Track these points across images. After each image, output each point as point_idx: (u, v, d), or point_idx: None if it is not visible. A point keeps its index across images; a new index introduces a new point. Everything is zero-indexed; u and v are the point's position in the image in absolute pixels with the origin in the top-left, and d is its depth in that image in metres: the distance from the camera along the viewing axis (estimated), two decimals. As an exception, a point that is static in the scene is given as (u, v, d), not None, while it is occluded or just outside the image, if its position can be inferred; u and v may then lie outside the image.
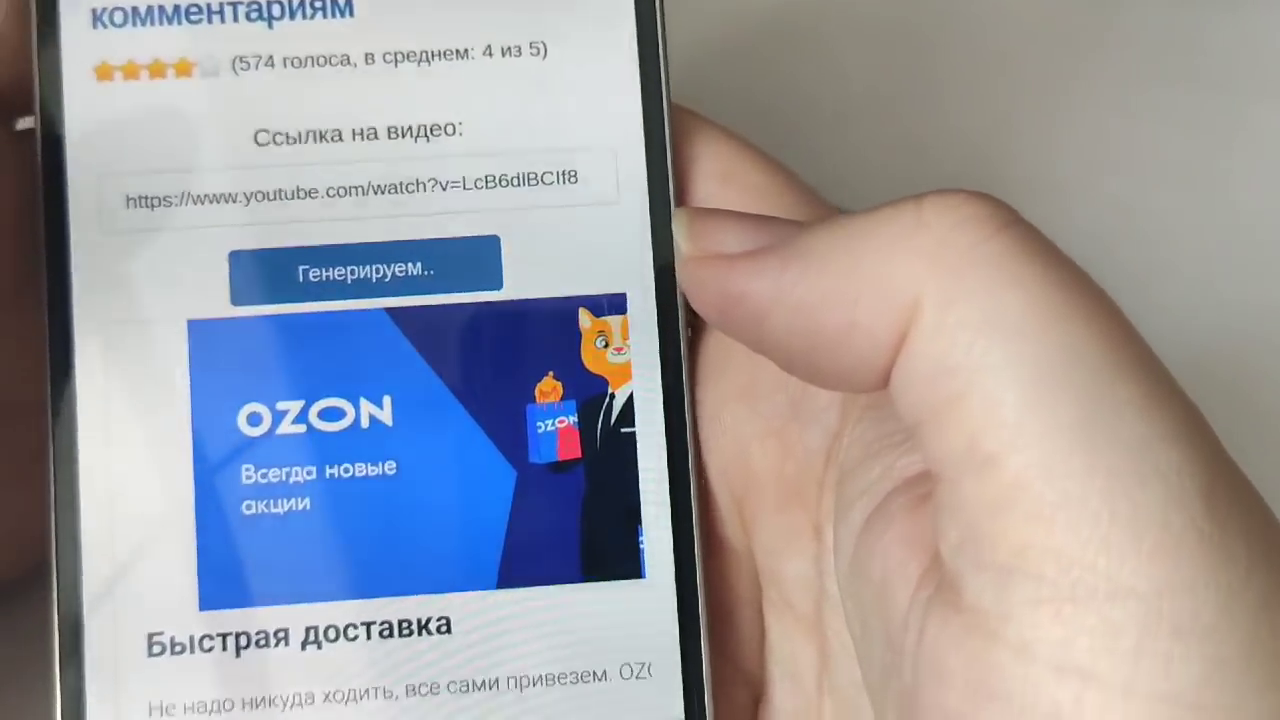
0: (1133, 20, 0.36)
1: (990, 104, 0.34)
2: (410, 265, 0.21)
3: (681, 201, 0.22)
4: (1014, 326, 0.16)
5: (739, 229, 0.19)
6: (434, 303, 0.21)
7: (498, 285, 0.21)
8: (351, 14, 0.22)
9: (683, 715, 0.21)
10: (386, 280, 0.21)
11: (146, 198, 0.21)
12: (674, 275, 0.21)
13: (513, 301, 0.21)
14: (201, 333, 0.21)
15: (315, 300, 0.21)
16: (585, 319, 0.22)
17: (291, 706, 0.20)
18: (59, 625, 0.20)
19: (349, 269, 0.21)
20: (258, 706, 0.20)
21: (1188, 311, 0.33)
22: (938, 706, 0.16)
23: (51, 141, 0.21)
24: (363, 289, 0.21)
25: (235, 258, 0.21)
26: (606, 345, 0.21)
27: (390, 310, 0.21)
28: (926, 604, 0.17)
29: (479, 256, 0.21)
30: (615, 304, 0.22)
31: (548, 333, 0.21)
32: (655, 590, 0.21)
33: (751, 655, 0.22)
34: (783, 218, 0.19)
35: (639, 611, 0.21)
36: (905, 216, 0.17)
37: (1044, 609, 0.15)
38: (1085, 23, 0.36)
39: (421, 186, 0.21)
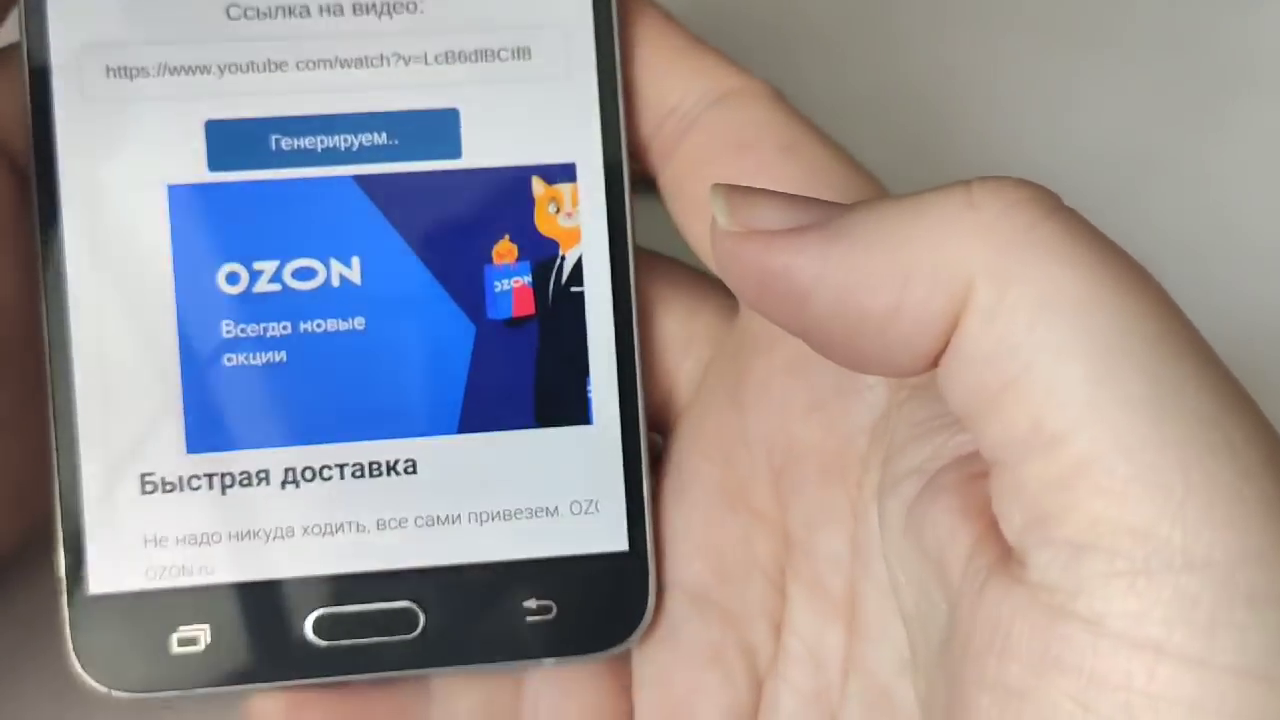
0: (1132, 18, 0.35)
1: (989, 103, 0.34)
2: (375, 135, 0.23)
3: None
4: (1072, 306, 0.16)
5: (780, 206, 0.18)
6: (398, 170, 0.23)
7: (457, 154, 0.23)
8: None
9: (627, 547, 0.23)
10: (354, 149, 0.23)
11: (125, 68, 0.22)
12: (619, 146, 0.23)
13: (471, 170, 0.23)
14: (181, 197, 0.22)
15: (287, 167, 0.23)
16: (538, 186, 0.23)
17: (272, 539, 0.22)
18: (58, 468, 0.22)
19: (318, 138, 0.23)
20: (242, 539, 0.22)
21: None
22: (999, 679, 0.16)
23: (34, 12, 0.22)
24: (331, 157, 0.23)
25: (211, 127, 0.22)
26: (558, 211, 0.23)
27: (357, 177, 0.23)
28: (986, 575, 0.17)
29: (439, 127, 0.23)
30: (566, 172, 0.23)
31: (503, 199, 0.23)
32: (601, 435, 0.23)
33: (759, 628, 0.22)
34: (824, 199, 0.18)
35: (587, 455, 0.23)
36: (955, 199, 0.17)
37: (1117, 582, 0.15)
38: (1084, 22, 0.35)
39: (385, 61, 0.23)
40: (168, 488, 0.22)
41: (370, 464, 0.23)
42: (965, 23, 0.35)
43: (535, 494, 0.23)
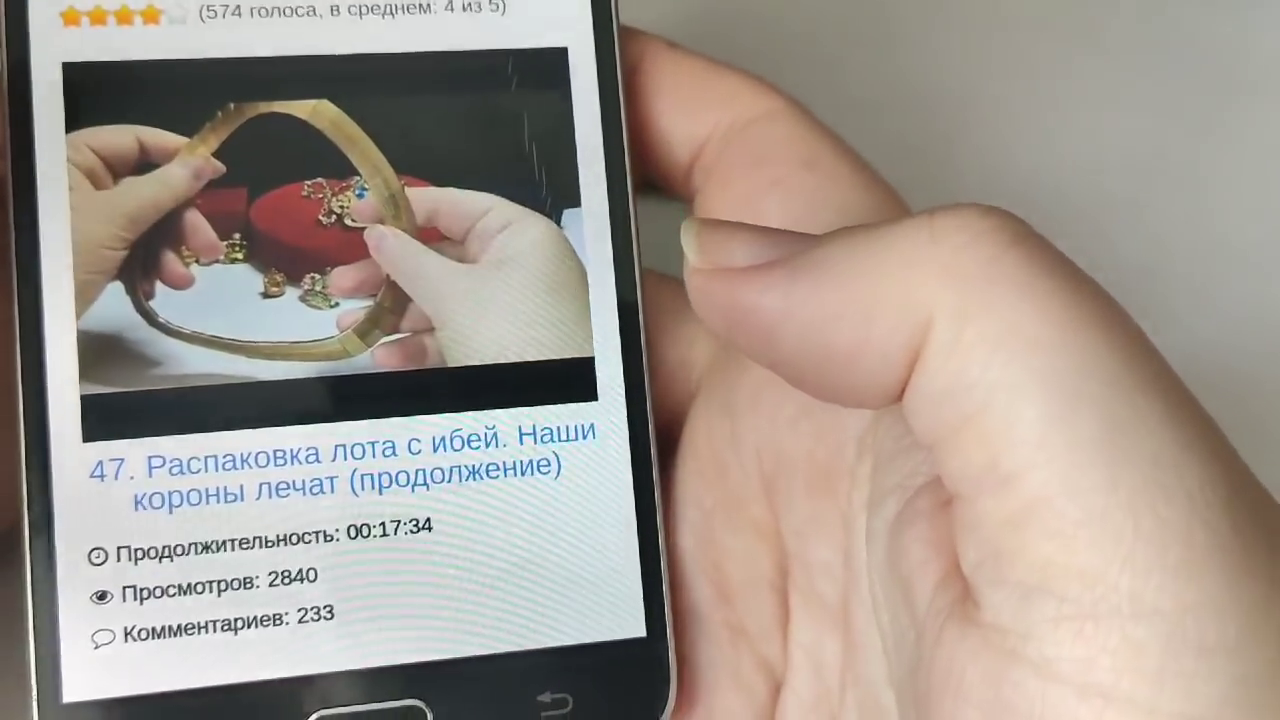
0: (1132, 19, 0.35)
1: (988, 103, 0.34)
2: None
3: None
4: (1030, 341, 0.16)
5: (748, 241, 0.18)
6: None
7: None
8: None
9: (645, 632, 0.22)
10: None
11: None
12: (625, 188, 0.22)
13: None
14: None
15: None
16: None
17: (265, 635, 0.21)
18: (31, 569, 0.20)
19: None
20: (233, 635, 0.21)
21: (1186, 311, 0.33)
22: None
23: None
24: None
25: None
26: None
27: None
28: (946, 613, 0.17)
29: None
30: None
31: None
32: None
33: (772, 639, 0.22)
34: (793, 230, 0.19)
35: None
36: (918, 232, 0.17)
37: (1065, 627, 0.15)
38: (1084, 22, 0.35)
39: None
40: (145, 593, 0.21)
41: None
42: (965, 24, 0.35)
43: None
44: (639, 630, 0.22)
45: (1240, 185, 0.34)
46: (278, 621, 0.21)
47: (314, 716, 0.21)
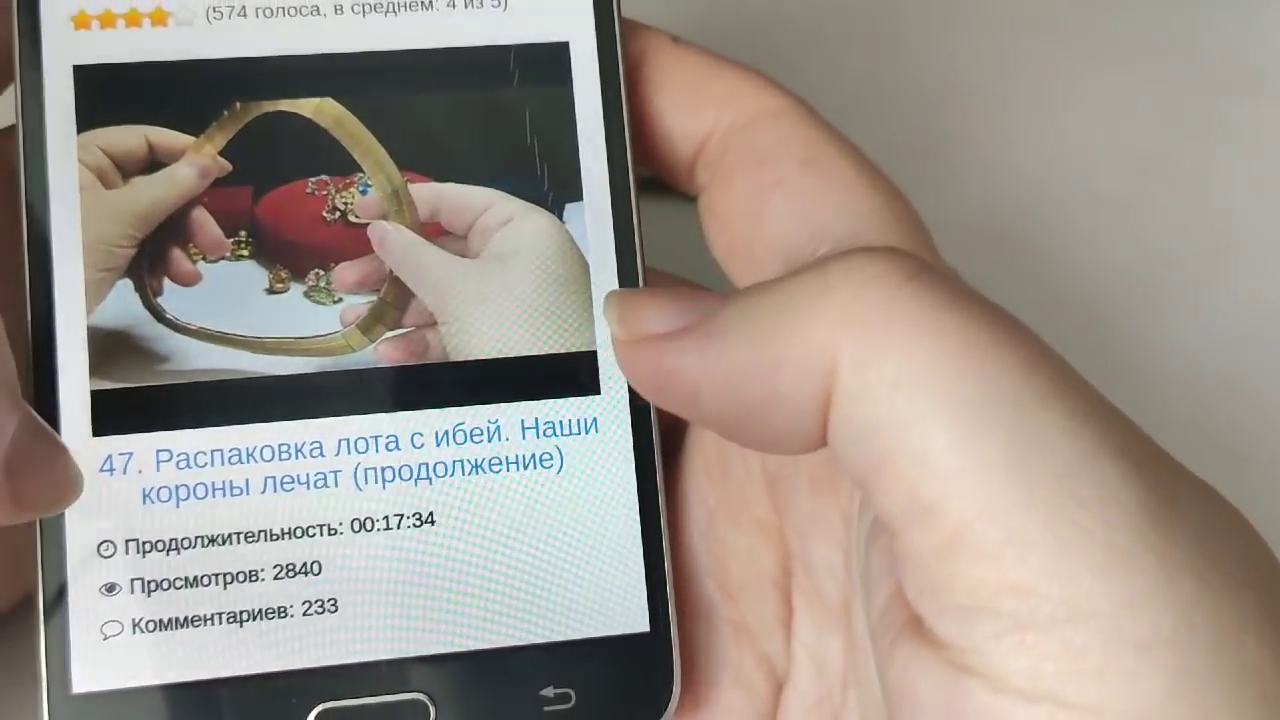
0: (1132, 20, 0.35)
1: (988, 103, 0.34)
2: None
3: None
4: (930, 376, 0.16)
5: (663, 309, 0.19)
6: None
7: None
8: None
9: (649, 627, 0.22)
10: None
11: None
12: (627, 176, 0.23)
13: None
14: None
15: None
16: None
17: (271, 628, 0.21)
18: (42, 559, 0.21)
19: None
20: (238, 629, 0.21)
21: (1185, 310, 0.32)
22: None
23: None
24: None
25: None
26: None
27: None
28: (899, 627, 0.17)
29: None
30: None
31: None
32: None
33: (775, 637, 0.22)
34: (707, 290, 0.19)
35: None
36: (811, 285, 0.17)
37: (1007, 640, 0.15)
38: (1084, 22, 0.35)
39: None
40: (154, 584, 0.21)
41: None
42: (965, 24, 0.35)
43: None
44: (643, 626, 0.22)
45: (1240, 185, 0.34)
46: (282, 614, 0.21)
47: (318, 709, 0.21)
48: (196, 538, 0.21)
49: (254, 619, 0.21)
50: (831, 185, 0.22)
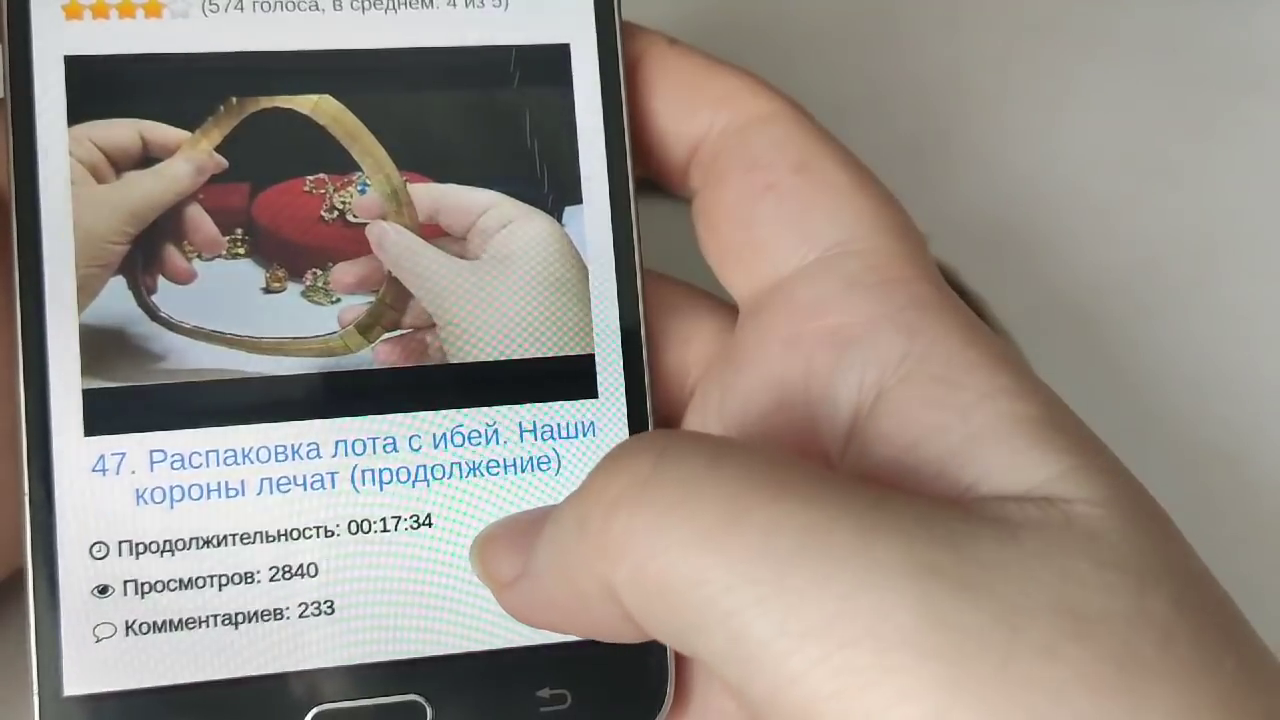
0: (1132, 20, 0.35)
1: (988, 103, 0.34)
2: None
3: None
4: (682, 585, 0.17)
5: (502, 558, 0.20)
6: None
7: None
8: None
9: None
10: None
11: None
12: (626, 180, 0.23)
13: None
14: None
15: None
16: None
17: (266, 630, 0.21)
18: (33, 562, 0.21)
19: None
20: (233, 631, 0.21)
21: (1185, 311, 0.33)
22: None
23: None
24: None
25: None
26: None
27: None
28: None
29: None
30: None
31: None
32: None
33: None
34: (539, 518, 0.20)
35: None
36: (569, 529, 0.18)
37: None
38: (1084, 22, 0.35)
39: None
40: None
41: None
42: (965, 24, 0.35)
43: None
44: None
45: (1239, 185, 0.34)
46: (278, 616, 0.21)
47: (314, 711, 0.21)
48: (191, 539, 0.21)
49: (250, 621, 0.21)
50: (822, 191, 0.22)
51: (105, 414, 0.21)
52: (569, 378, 0.22)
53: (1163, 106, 0.35)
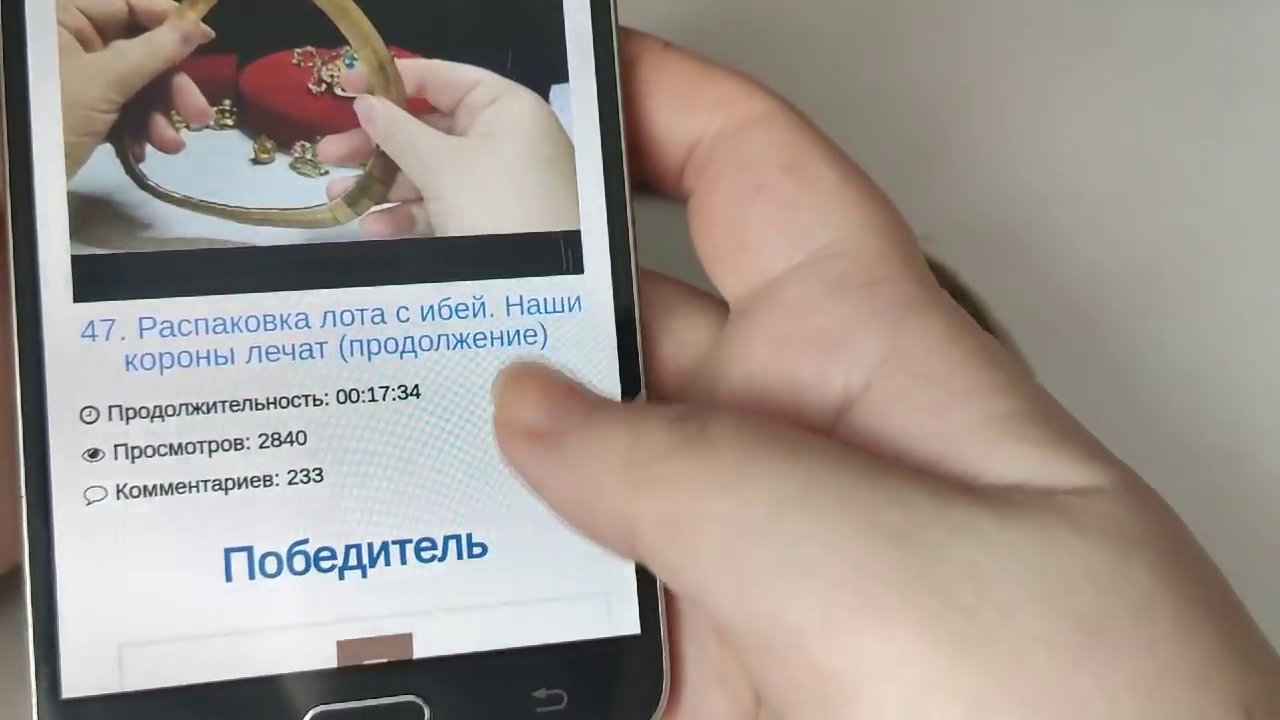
0: (1132, 20, 0.35)
1: (988, 103, 0.34)
2: None
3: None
4: (705, 519, 0.18)
5: (532, 406, 0.21)
6: None
7: None
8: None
9: (639, 629, 0.22)
10: None
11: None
12: (625, 214, 0.23)
13: None
14: None
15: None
16: None
17: (263, 631, 0.21)
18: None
19: None
20: (230, 632, 0.21)
21: (1185, 310, 0.33)
22: None
23: None
24: None
25: None
26: None
27: None
28: None
29: None
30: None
31: None
32: None
33: None
34: (582, 396, 0.21)
35: None
36: (621, 444, 0.19)
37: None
38: (1084, 22, 0.35)
39: None
40: None
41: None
42: (965, 24, 0.35)
43: None
44: (634, 628, 0.22)
45: (1239, 185, 0.34)
46: (268, 482, 0.21)
47: (312, 713, 0.21)
48: (181, 405, 0.21)
49: (239, 486, 0.21)
50: (812, 192, 0.22)
51: (94, 280, 0.21)
52: (555, 253, 0.22)
53: (1163, 106, 0.35)
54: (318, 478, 0.21)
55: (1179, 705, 0.16)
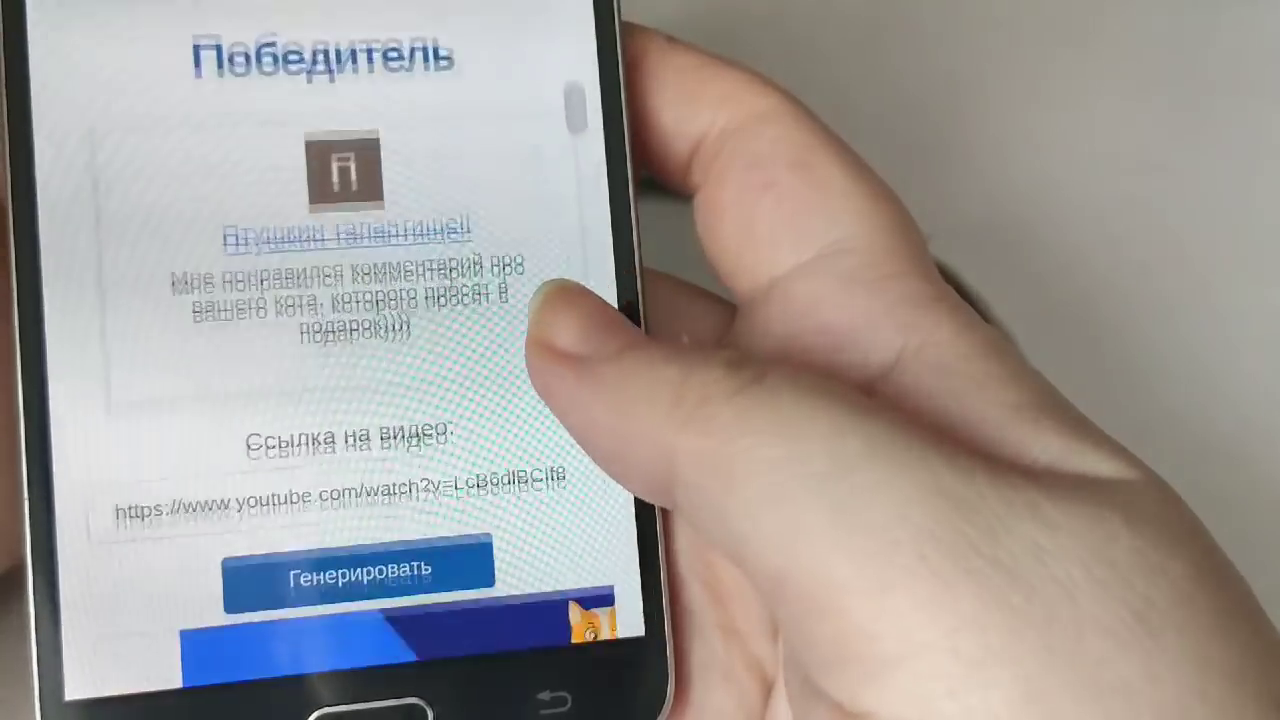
0: (1133, 21, 0.35)
1: (989, 103, 0.34)
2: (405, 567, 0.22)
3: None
4: (760, 460, 0.18)
5: (572, 326, 0.20)
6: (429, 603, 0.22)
7: (490, 583, 0.22)
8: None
9: (643, 632, 0.22)
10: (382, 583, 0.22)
11: (137, 507, 0.21)
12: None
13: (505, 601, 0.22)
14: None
15: (311, 605, 0.21)
16: (575, 613, 0.22)
17: (266, 634, 0.21)
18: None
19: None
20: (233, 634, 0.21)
21: (1185, 311, 0.33)
22: None
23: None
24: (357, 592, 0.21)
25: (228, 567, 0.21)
26: (595, 637, 0.22)
27: (386, 613, 0.21)
28: (802, 693, 0.19)
29: (472, 557, 0.22)
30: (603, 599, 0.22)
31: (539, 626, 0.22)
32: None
33: (764, 639, 0.22)
34: (625, 326, 0.20)
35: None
36: (664, 396, 0.19)
37: (872, 685, 0.17)
38: (1085, 23, 0.35)
39: (414, 490, 0.22)
40: None
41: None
42: (967, 24, 0.35)
43: None
44: (638, 630, 0.22)
45: (1240, 185, 0.34)
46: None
47: (315, 715, 0.21)
48: None
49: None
50: (821, 189, 0.22)
51: None
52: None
53: (1163, 107, 0.35)
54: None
55: (1218, 699, 0.16)
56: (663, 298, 0.24)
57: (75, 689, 0.20)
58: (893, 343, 0.20)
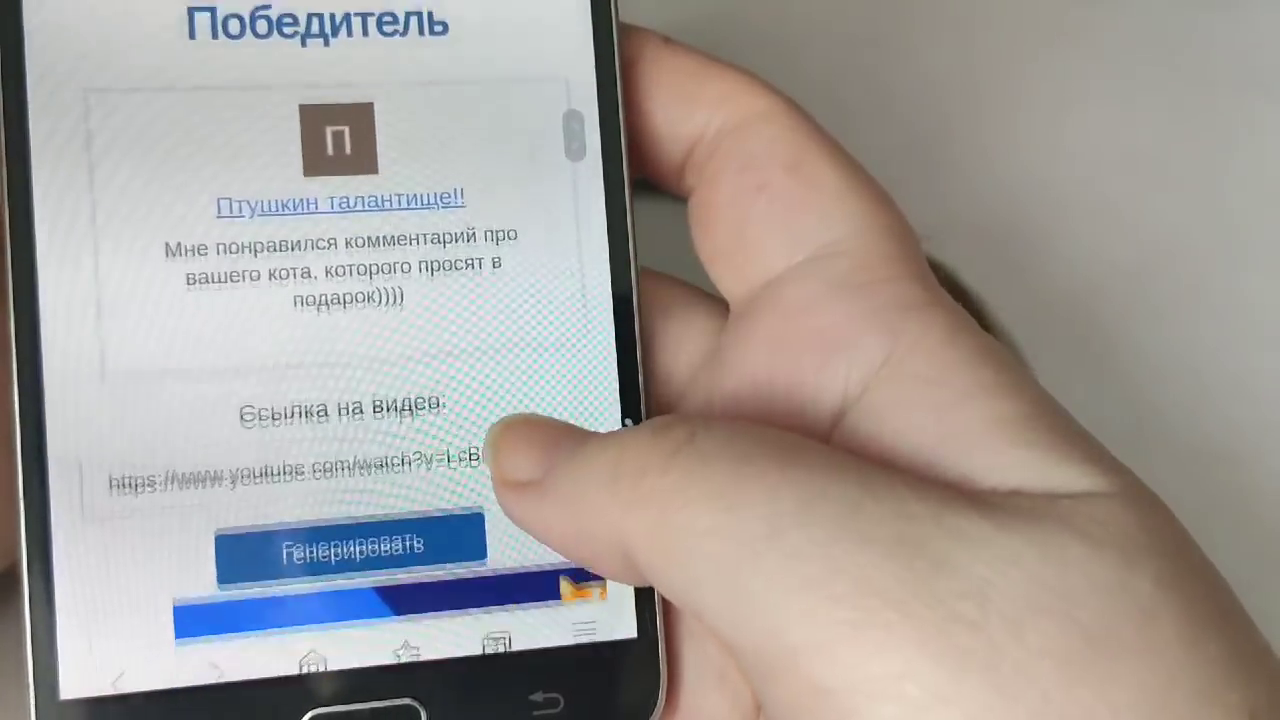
0: (1133, 20, 0.35)
1: (989, 103, 0.34)
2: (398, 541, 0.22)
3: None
4: (697, 536, 0.18)
5: (519, 459, 0.21)
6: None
7: (482, 557, 0.22)
8: None
9: (635, 634, 0.22)
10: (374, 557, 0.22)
11: (130, 479, 0.21)
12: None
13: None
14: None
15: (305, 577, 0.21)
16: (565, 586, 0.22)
17: (262, 634, 0.21)
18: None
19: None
20: (230, 636, 0.21)
21: (1185, 310, 0.33)
22: None
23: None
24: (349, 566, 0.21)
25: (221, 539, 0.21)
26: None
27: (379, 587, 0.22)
28: None
29: (464, 530, 0.22)
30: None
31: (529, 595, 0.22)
32: None
33: None
34: (571, 434, 0.20)
35: None
36: (605, 472, 0.19)
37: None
38: (1086, 23, 0.35)
39: (407, 463, 0.22)
40: None
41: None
42: (966, 25, 0.35)
43: None
44: (630, 631, 0.22)
45: (1241, 185, 0.34)
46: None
47: (309, 715, 0.21)
48: None
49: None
50: (814, 191, 0.22)
51: None
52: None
53: (1163, 106, 0.35)
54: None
55: (1184, 718, 0.16)
56: (659, 298, 0.23)
57: (69, 667, 0.20)
58: (881, 348, 0.20)
